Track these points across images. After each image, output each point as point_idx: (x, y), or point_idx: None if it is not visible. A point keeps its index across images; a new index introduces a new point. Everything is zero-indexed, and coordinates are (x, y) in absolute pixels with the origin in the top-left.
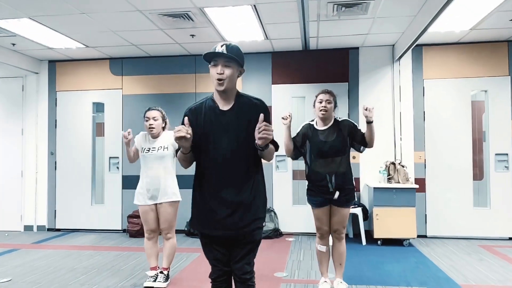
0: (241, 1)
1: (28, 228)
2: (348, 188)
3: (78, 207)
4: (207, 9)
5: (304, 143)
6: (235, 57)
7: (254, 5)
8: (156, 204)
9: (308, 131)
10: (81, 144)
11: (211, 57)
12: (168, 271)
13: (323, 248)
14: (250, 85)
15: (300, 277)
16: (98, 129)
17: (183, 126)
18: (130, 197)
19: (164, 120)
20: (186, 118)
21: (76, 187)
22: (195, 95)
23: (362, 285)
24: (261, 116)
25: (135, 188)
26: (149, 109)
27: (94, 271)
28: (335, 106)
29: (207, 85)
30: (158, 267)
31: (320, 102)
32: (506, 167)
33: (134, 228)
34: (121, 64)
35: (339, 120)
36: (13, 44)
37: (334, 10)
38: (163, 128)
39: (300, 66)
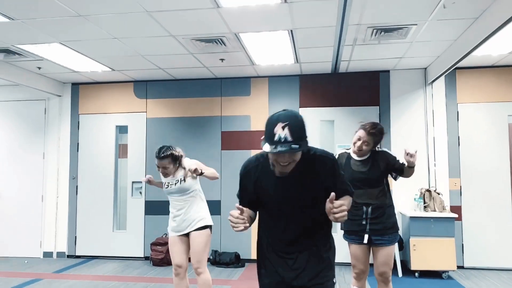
0: (279, 27)
1: (47, 254)
2: (387, 223)
3: (99, 233)
4: (242, 34)
5: None
6: (301, 147)
7: (291, 30)
8: (185, 234)
9: (343, 159)
10: (103, 168)
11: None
12: None
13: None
14: (277, 108)
15: None
16: (122, 151)
17: (239, 216)
18: (153, 223)
19: (177, 160)
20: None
21: (98, 212)
22: (220, 119)
23: None
24: (332, 195)
25: (158, 214)
26: (159, 157)
27: None
28: (376, 145)
29: (233, 108)
30: None
31: (359, 139)
32: None
33: (158, 256)
34: (146, 87)
35: (377, 150)
36: (39, 68)
37: (373, 35)
38: (179, 164)
39: (329, 89)
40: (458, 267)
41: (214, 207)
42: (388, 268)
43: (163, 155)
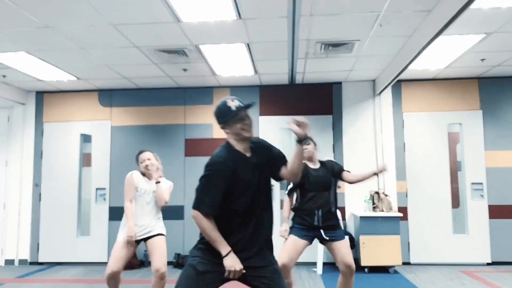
0: (235, 39)
1: (9, 262)
2: (336, 222)
3: (63, 239)
4: (202, 46)
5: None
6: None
7: (248, 44)
8: (144, 239)
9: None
10: (67, 175)
11: (235, 115)
12: None
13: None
14: None
15: None
16: (86, 160)
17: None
18: (117, 229)
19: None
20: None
21: (61, 218)
22: (184, 127)
23: None
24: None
25: (121, 220)
26: (140, 152)
27: None
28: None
29: (196, 117)
30: None
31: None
32: (481, 195)
33: None
34: (110, 96)
35: (324, 160)
36: (4, 76)
37: (322, 49)
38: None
39: (287, 99)
40: (405, 263)
41: (177, 213)
42: (352, 259)
43: (145, 150)
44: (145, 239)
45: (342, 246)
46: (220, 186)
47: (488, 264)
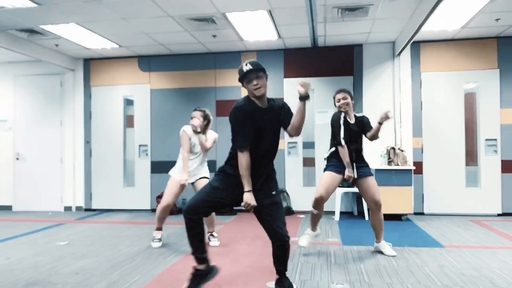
0: (258, 6)
1: (67, 208)
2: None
3: (112, 190)
4: (228, 13)
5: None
6: (260, 69)
7: (269, 10)
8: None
9: (340, 119)
10: (113, 134)
11: (245, 77)
12: None
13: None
14: None
15: None
16: (129, 121)
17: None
18: (158, 180)
19: (205, 119)
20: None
21: (110, 172)
22: (215, 90)
23: (361, 245)
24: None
25: (163, 172)
26: (194, 110)
27: (134, 238)
28: (352, 98)
29: (226, 80)
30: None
31: (338, 101)
32: (495, 151)
33: None
34: (149, 61)
35: (358, 116)
36: (56, 45)
37: (339, 13)
38: (206, 126)
39: (310, 61)
40: (419, 213)
41: (210, 167)
42: (380, 196)
43: (198, 108)
44: (193, 182)
45: (372, 184)
46: (246, 124)
47: (499, 215)
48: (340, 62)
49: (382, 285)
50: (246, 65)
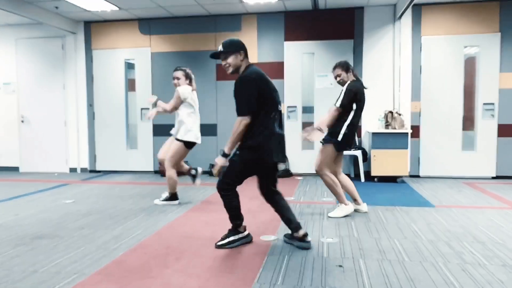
0: None
1: (72, 170)
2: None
3: (115, 152)
4: None
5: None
6: (222, 51)
7: None
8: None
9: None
10: (115, 97)
11: (216, 57)
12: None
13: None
14: (265, 42)
15: (304, 199)
16: (131, 85)
17: None
18: (160, 143)
19: (187, 77)
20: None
21: (113, 134)
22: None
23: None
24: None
25: (165, 135)
26: (175, 69)
27: (139, 196)
28: (347, 70)
29: None
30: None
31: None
32: (492, 115)
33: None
34: (149, 24)
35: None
36: (56, 7)
37: None
38: (190, 84)
39: (311, 24)
40: (415, 176)
41: (211, 130)
42: (316, 161)
43: (179, 68)
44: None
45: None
46: (257, 91)
47: (493, 178)
48: (341, 25)
49: (369, 239)
50: (219, 46)
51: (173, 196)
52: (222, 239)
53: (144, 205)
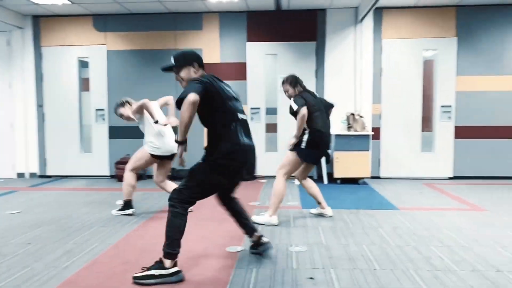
0: None
1: (20, 175)
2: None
3: (68, 156)
4: None
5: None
6: (173, 65)
7: None
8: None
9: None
10: (68, 97)
11: (168, 70)
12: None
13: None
14: (227, 42)
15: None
16: (84, 85)
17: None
18: (117, 146)
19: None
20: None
21: (65, 137)
22: (175, 51)
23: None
24: None
25: (121, 138)
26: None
27: (94, 204)
28: (294, 85)
29: (186, 42)
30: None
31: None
32: (449, 117)
33: (122, 173)
34: (105, 21)
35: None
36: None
37: None
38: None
39: (273, 25)
40: (375, 177)
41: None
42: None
43: (116, 106)
44: None
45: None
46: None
47: (450, 178)
48: (303, 27)
49: (338, 246)
50: (172, 59)
51: (127, 204)
52: (142, 270)
53: (100, 214)
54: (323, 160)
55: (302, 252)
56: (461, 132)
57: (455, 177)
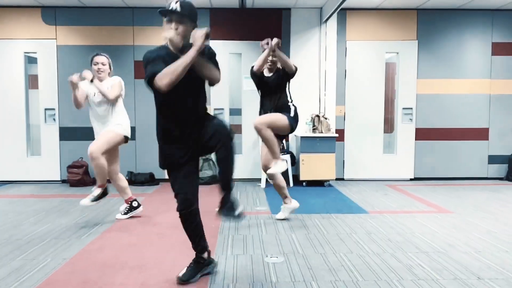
0: None
1: None
2: None
3: (13, 159)
4: None
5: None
6: (187, 14)
7: None
8: None
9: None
10: (12, 95)
11: (166, 14)
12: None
13: None
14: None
15: None
16: (32, 82)
17: None
18: (68, 148)
19: (110, 66)
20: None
21: (11, 139)
22: (133, 48)
23: (291, 214)
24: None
25: (73, 140)
26: (97, 54)
27: (43, 213)
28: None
29: (146, 38)
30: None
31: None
32: (410, 119)
33: (75, 178)
34: (54, 13)
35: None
36: None
37: None
38: (109, 74)
39: (237, 23)
40: (339, 179)
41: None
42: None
43: (102, 53)
44: None
45: None
46: (157, 60)
47: (411, 179)
48: (268, 26)
49: (316, 255)
50: (176, 3)
51: (104, 192)
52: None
53: (52, 224)
54: (288, 161)
55: (280, 263)
56: (422, 134)
57: (415, 178)
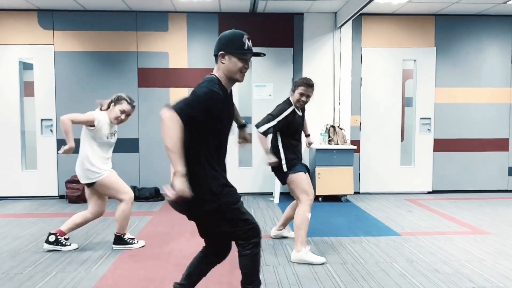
0: None
1: None
2: None
3: (6, 173)
4: None
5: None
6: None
7: None
8: None
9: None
10: (6, 104)
11: (246, 52)
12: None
13: (309, 216)
14: (196, 46)
15: None
16: (28, 90)
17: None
18: (67, 162)
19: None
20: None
21: (3, 150)
22: (136, 54)
23: (318, 237)
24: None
25: (72, 152)
26: (131, 103)
27: (43, 238)
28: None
29: (150, 44)
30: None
31: (301, 95)
32: (428, 129)
33: (74, 193)
34: (52, 17)
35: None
36: None
37: None
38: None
39: (247, 29)
40: (356, 193)
41: (133, 145)
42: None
43: (135, 104)
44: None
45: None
46: (205, 109)
47: (429, 192)
48: (279, 32)
49: None
50: (249, 40)
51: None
52: None
53: (55, 253)
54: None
55: None
56: (440, 144)
57: (434, 191)
